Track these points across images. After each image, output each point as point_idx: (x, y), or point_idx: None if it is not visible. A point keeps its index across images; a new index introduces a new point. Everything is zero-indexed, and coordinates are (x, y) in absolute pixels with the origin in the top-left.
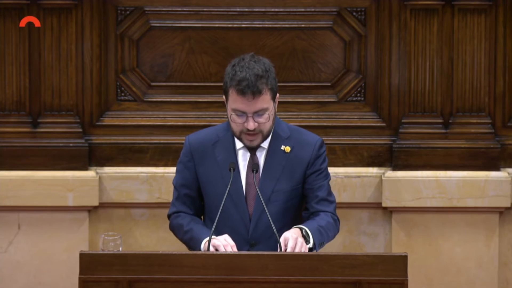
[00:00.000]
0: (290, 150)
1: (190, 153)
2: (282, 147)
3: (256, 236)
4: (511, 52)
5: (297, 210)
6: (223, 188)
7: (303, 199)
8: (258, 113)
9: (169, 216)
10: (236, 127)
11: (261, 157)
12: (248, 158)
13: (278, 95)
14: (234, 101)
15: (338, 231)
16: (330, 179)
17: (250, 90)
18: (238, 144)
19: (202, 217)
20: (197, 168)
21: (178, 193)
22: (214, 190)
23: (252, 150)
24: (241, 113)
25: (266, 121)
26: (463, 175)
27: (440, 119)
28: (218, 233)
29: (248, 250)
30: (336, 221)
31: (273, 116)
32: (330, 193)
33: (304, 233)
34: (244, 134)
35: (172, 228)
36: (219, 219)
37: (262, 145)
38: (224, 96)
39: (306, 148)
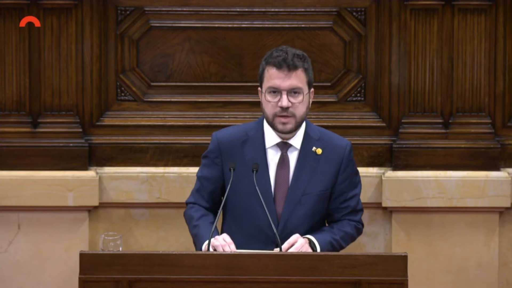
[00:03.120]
0: (322, 152)
1: (219, 150)
2: (314, 149)
3: (283, 236)
4: (511, 52)
5: (322, 214)
6: (250, 187)
7: (328, 202)
8: (293, 90)
9: (186, 204)
10: (270, 109)
11: (292, 156)
12: (278, 157)
13: (313, 89)
14: (270, 78)
15: (359, 235)
16: (361, 184)
17: (285, 63)
18: (268, 143)
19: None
20: (224, 165)
21: (200, 185)
22: (241, 189)
23: (284, 148)
24: (276, 90)
25: (299, 103)
26: (463, 175)
27: (440, 119)
28: (244, 233)
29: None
30: (360, 229)
31: (307, 103)
32: (359, 201)
33: (311, 244)
34: (278, 117)
35: (185, 217)
36: (246, 219)
37: (294, 145)
38: (259, 88)
39: (337, 151)
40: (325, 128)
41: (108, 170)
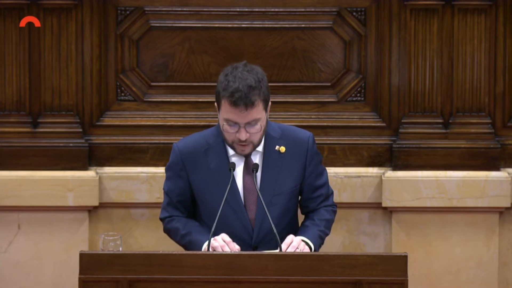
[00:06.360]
0: (285, 150)
1: (182, 162)
2: (277, 148)
3: (258, 240)
4: (511, 52)
5: (293, 210)
6: (219, 194)
7: (298, 197)
8: (251, 123)
9: (161, 220)
10: (228, 136)
11: (256, 160)
12: (243, 162)
13: (270, 103)
14: (227, 112)
15: (335, 215)
16: (326, 170)
17: (242, 102)
18: (231, 151)
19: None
20: (190, 176)
21: (170, 199)
22: (211, 196)
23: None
24: (234, 123)
25: (257, 132)
26: (463, 175)
27: (440, 119)
28: None
29: None
30: (335, 210)
31: (264, 126)
32: (329, 186)
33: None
34: (236, 144)
35: (167, 231)
36: (218, 226)
37: (257, 148)
38: (215, 104)
39: (300, 146)
40: (326, 128)
41: (108, 170)
